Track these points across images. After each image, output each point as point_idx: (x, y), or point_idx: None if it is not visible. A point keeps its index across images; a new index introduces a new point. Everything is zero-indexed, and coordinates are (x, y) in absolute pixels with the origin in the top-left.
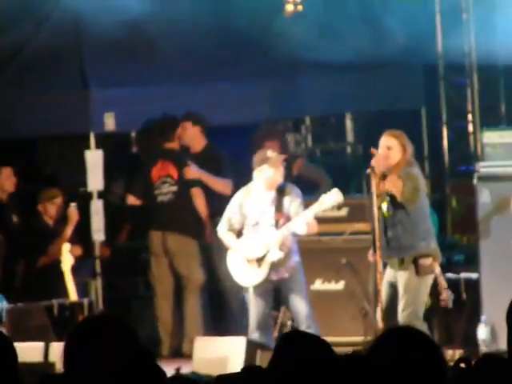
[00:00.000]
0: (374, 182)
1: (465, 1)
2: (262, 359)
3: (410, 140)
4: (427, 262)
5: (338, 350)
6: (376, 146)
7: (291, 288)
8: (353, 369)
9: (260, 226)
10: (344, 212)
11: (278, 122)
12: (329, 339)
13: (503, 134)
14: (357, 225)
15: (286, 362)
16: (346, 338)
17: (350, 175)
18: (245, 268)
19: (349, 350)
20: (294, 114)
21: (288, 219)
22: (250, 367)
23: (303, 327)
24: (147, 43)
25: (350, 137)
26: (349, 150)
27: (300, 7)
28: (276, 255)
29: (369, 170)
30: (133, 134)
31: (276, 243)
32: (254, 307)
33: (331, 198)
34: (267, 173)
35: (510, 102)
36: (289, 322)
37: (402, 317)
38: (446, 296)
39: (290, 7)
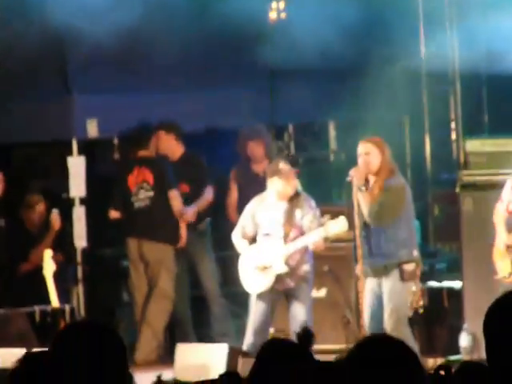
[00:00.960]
0: (354, 191)
1: (448, 9)
2: (244, 366)
3: (388, 145)
4: (411, 267)
5: (319, 357)
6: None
7: (295, 296)
8: (334, 377)
9: (271, 236)
10: (326, 220)
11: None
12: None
13: (486, 142)
14: None
15: (266, 370)
16: (328, 346)
17: (333, 183)
18: (252, 275)
19: (331, 357)
20: (276, 122)
21: (300, 231)
22: (228, 373)
23: None
24: (130, 51)
25: (332, 144)
26: (332, 157)
27: (283, 15)
28: (280, 269)
29: (349, 179)
30: (115, 141)
31: (282, 257)
32: (254, 313)
33: (337, 227)
34: (278, 185)
35: (492, 110)
36: (271, 330)
37: (388, 323)
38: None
39: (273, 15)
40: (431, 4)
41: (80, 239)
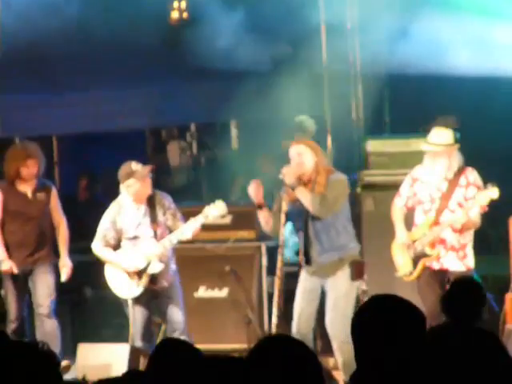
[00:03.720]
0: (284, 189)
1: (349, 10)
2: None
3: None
4: (362, 266)
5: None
6: (260, 152)
7: (170, 297)
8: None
9: (139, 239)
10: (228, 219)
11: (163, 129)
12: (212, 346)
13: (387, 142)
14: (241, 232)
15: (160, 366)
16: (229, 346)
17: (232, 183)
18: (124, 280)
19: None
20: (179, 121)
21: (165, 229)
22: (131, 372)
23: (177, 334)
24: (34, 52)
25: (234, 144)
26: (233, 157)
27: (186, 14)
28: (157, 267)
29: (281, 176)
30: (17, 140)
31: (157, 255)
32: (136, 318)
33: (215, 211)
34: (134, 187)
35: (393, 111)
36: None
37: (329, 318)
38: None
39: (175, 14)
40: (332, 6)
41: None
